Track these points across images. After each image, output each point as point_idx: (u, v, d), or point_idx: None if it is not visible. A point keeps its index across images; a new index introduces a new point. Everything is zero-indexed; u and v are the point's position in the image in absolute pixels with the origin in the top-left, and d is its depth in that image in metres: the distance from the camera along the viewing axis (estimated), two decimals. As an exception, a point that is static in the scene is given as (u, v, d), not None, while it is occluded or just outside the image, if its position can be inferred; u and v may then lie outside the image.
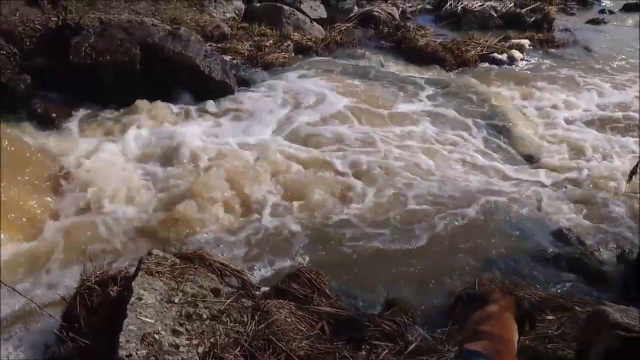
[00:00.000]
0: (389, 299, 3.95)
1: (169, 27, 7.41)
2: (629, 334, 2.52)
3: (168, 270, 3.37)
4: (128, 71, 6.72)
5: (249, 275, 3.94)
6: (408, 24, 11.38)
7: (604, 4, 15.68)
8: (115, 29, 6.87)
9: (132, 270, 3.44)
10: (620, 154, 6.83)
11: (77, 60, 6.56)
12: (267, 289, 3.76)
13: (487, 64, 9.77)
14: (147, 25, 7.08)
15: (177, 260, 3.59)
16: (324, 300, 3.72)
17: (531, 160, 6.51)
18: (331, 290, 3.86)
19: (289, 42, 9.23)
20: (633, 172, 4.08)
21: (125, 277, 3.44)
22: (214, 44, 8.61)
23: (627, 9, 14.96)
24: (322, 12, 10.44)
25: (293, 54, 9.04)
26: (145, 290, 3.11)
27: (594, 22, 13.54)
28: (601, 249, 4.93)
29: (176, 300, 3.15)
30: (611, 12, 14.81)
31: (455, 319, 3.02)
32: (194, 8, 9.61)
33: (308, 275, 3.82)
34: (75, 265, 4.18)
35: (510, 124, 7.17)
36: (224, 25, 9.24)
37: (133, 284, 3.15)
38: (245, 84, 7.74)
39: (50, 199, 4.97)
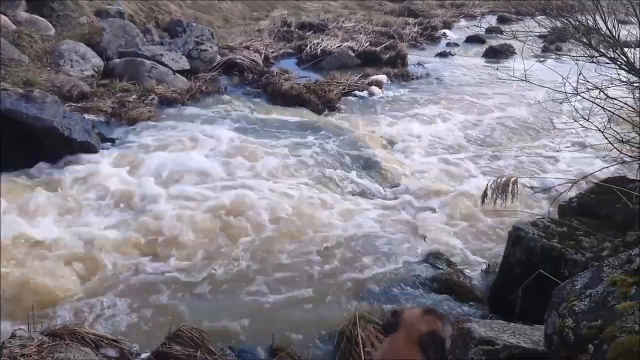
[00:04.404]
0: (275, 346, 3.96)
1: (21, 90, 7.05)
2: (493, 348, 2.69)
3: (35, 352, 3.16)
4: (-24, 141, 6.29)
5: (127, 342, 3.78)
6: (272, 68, 11.65)
7: (449, 38, 17.03)
8: (-42, 96, 6.43)
9: (-7, 357, 3.18)
10: (477, 174, 7.39)
11: None
12: (146, 354, 3.63)
13: (350, 101, 10.21)
14: (-5, 91, 6.70)
15: (45, 339, 3.37)
16: (208, 357, 3.65)
17: (398, 189, 6.84)
18: (215, 346, 3.80)
19: (154, 95, 9.10)
20: (484, 195, 4.43)
21: (-15, 366, 3.17)
22: (73, 104, 8.27)
23: (469, 40, 16.40)
24: (184, 64, 10.40)
25: (159, 107, 8.92)
26: (9, 377, 2.89)
27: (442, 55, 14.68)
28: (469, 266, 5.28)
29: (46, 383, 2.95)
30: (456, 44, 16.13)
31: None
32: (49, 68, 9.19)
33: (189, 334, 3.73)
34: None
35: (375, 156, 7.53)
36: (83, 84, 8.91)
37: (-5, 372, 2.91)
38: (110, 141, 7.53)
39: None
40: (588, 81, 5.01)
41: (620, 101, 5.05)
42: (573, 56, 5.55)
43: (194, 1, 14.87)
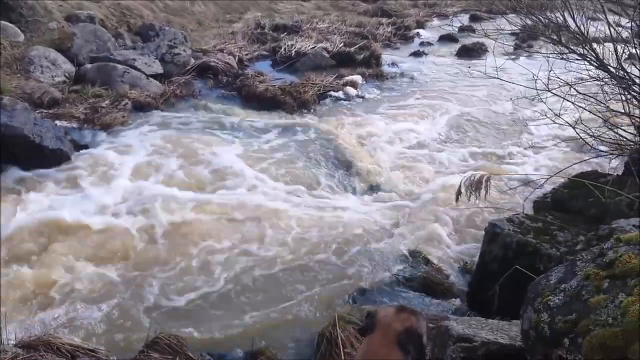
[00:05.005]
0: (254, 350, 3.94)
1: (-10, 98, 6.94)
2: (471, 345, 2.71)
3: (8, 365, 3.10)
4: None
5: (104, 351, 3.73)
6: (246, 71, 11.57)
7: (423, 37, 17.10)
8: None
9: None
10: (454, 170, 7.44)
11: None
12: (125, 362, 3.58)
13: (325, 102, 10.18)
14: (-37, 99, 6.57)
15: (19, 351, 3.31)
16: (187, 364, 3.62)
17: (375, 189, 6.87)
18: (194, 352, 3.77)
19: (127, 100, 8.98)
20: (458, 193, 4.46)
21: (-44, 381, 3.10)
22: (44, 111, 8.14)
23: (443, 39, 16.47)
24: (157, 68, 10.29)
25: (132, 112, 8.81)
26: (-18, 392, 2.82)
27: (416, 54, 14.73)
28: (446, 264, 5.31)
29: (21, 396, 2.89)
30: (430, 44, 16.21)
31: None
32: (18, 75, 9.02)
33: (168, 341, 3.70)
34: None
35: (351, 156, 7.55)
36: (54, 90, 8.77)
37: (-33, 387, 2.85)
38: (83, 147, 7.43)
39: None
40: (559, 78, 5.08)
41: (591, 96, 5.12)
42: (544, 53, 5.62)
43: (166, 4, 14.72)
